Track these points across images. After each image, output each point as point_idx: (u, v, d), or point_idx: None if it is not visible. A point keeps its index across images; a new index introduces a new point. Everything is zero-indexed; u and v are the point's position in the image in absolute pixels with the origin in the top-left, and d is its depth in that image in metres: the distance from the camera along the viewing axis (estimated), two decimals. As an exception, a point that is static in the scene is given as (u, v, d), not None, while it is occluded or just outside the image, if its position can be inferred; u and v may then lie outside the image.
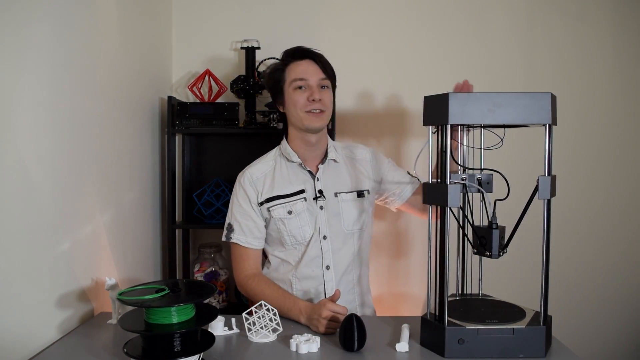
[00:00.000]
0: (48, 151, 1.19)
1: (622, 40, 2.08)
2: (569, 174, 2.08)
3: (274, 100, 1.54)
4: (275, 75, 1.50)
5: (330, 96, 1.49)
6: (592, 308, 2.15)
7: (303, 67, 1.46)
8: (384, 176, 1.58)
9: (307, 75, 1.44)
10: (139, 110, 1.77)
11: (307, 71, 1.45)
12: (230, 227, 1.50)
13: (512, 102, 1.06)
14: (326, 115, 1.47)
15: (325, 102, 1.45)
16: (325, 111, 1.45)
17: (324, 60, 1.48)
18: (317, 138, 1.48)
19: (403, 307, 2.11)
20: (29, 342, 1.12)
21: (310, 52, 1.48)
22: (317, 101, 1.43)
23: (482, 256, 1.20)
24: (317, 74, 1.45)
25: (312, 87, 1.44)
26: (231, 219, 1.51)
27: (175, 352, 0.96)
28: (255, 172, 1.52)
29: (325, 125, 1.49)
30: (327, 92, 1.47)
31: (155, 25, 1.94)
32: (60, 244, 1.24)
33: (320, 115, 1.44)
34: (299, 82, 1.44)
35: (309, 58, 1.47)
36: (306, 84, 1.44)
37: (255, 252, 1.50)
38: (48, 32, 1.19)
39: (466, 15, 2.07)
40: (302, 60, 1.46)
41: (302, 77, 1.44)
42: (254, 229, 1.48)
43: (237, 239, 1.48)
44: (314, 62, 1.46)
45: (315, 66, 1.46)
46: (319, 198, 1.48)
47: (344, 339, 1.12)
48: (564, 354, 1.10)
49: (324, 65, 1.47)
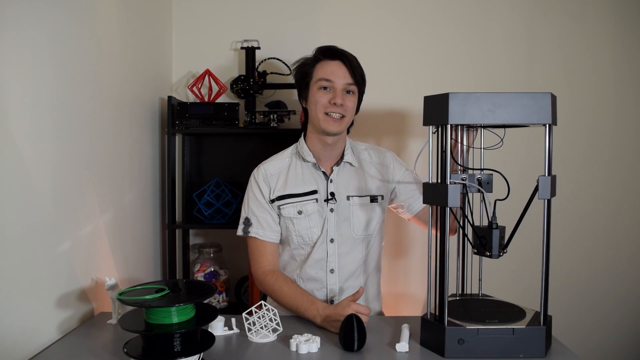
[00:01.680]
0: (48, 151, 1.19)
1: (623, 40, 2.08)
2: (569, 174, 2.08)
3: (299, 93, 1.52)
4: (304, 69, 1.47)
5: (354, 102, 1.45)
6: (592, 308, 2.14)
7: (332, 67, 1.42)
8: (397, 184, 1.54)
9: (334, 77, 1.41)
10: (139, 110, 1.77)
11: (335, 73, 1.42)
12: (248, 221, 1.48)
13: (512, 102, 1.06)
14: (346, 121, 1.44)
15: (348, 107, 1.42)
16: (345, 117, 1.43)
17: (355, 64, 1.44)
18: (333, 140, 1.46)
19: (403, 307, 2.11)
20: (29, 342, 1.12)
21: (343, 53, 1.44)
22: (338, 105, 1.40)
23: (482, 256, 1.20)
24: (345, 78, 1.42)
25: (337, 90, 1.41)
26: (248, 212, 1.49)
27: (175, 352, 0.96)
28: (270, 168, 1.51)
29: (343, 130, 1.45)
30: (351, 97, 1.44)
31: (155, 25, 1.94)
32: (60, 244, 1.24)
33: (339, 121, 1.42)
34: (324, 82, 1.42)
35: (340, 59, 1.43)
36: (331, 85, 1.42)
37: (273, 246, 1.48)
38: (48, 32, 1.18)
39: (466, 15, 2.07)
40: (333, 61, 1.43)
41: (329, 77, 1.41)
42: (272, 223, 1.48)
43: (256, 233, 1.46)
44: (344, 64, 1.42)
45: (344, 69, 1.42)
46: (330, 200, 1.47)
47: (344, 339, 1.12)
48: (564, 354, 1.10)
49: (354, 69, 1.43)
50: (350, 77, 1.42)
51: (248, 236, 1.48)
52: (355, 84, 1.44)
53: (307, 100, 1.48)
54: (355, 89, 1.45)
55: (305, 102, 1.50)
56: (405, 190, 1.54)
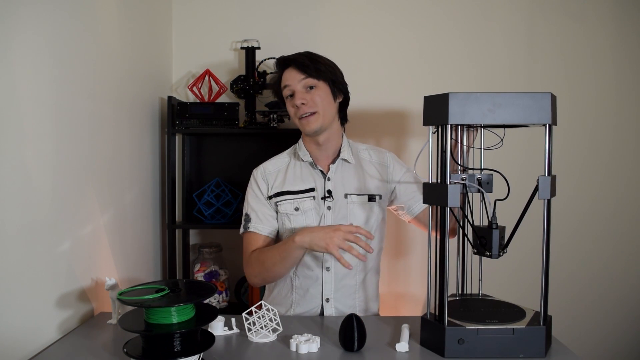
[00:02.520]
0: (48, 151, 1.19)
1: (623, 40, 2.08)
2: (569, 174, 2.08)
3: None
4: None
5: (322, 94, 1.44)
6: (592, 308, 2.15)
7: (286, 75, 1.46)
8: (396, 185, 1.54)
9: (289, 82, 1.44)
10: (139, 110, 1.77)
11: (289, 78, 1.45)
12: (248, 217, 1.50)
13: (512, 102, 1.06)
14: (320, 115, 1.43)
15: (315, 101, 1.42)
16: (317, 112, 1.43)
17: (304, 62, 1.43)
18: (324, 138, 1.47)
19: (403, 307, 2.11)
20: (29, 342, 1.12)
21: (288, 58, 1.46)
22: (300, 106, 1.42)
23: (482, 256, 1.20)
24: (297, 78, 1.43)
25: (296, 92, 1.43)
26: (248, 209, 1.52)
27: (175, 352, 0.96)
28: (269, 166, 1.54)
29: (321, 126, 1.44)
30: (316, 91, 1.43)
31: (155, 25, 1.94)
32: (60, 244, 1.24)
33: (311, 118, 1.43)
34: (286, 91, 1.46)
35: (289, 65, 1.46)
36: (291, 90, 1.45)
37: (267, 239, 1.50)
38: (48, 32, 1.19)
39: (466, 15, 2.07)
40: (286, 69, 1.47)
41: (286, 84, 1.45)
42: (270, 218, 1.50)
43: (255, 227, 1.48)
44: (293, 67, 1.44)
45: (295, 71, 1.44)
46: (327, 198, 1.47)
47: (344, 339, 1.12)
48: (564, 354, 1.10)
49: (305, 67, 1.42)
50: (302, 74, 1.43)
51: (247, 232, 1.49)
52: (312, 77, 1.43)
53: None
54: (315, 81, 1.44)
55: None
56: (406, 192, 1.54)
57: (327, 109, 1.45)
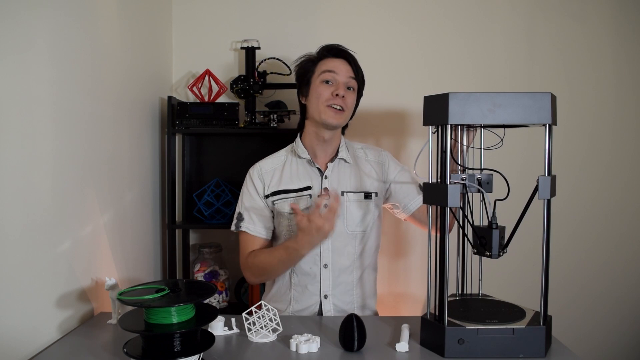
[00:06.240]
0: (48, 151, 1.19)
1: (623, 40, 2.08)
2: (569, 174, 2.08)
3: (299, 90, 1.56)
4: (306, 65, 1.52)
5: (354, 99, 1.51)
6: (592, 308, 2.14)
7: (335, 63, 1.48)
8: (392, 183, 1.56)
9: (338, 70, 1.46)
10: (139, 110, 1.77)
11: (338, 67, 1.47)
12: (240, 216, 1.52)
13: (512, 102, 1.06)
14: (345, 115, 1.48)
15: (348, 103, 1.47)
16: (345, 111, 1.47)
17: (356, 63, 1.51)
18: (330, 135, 1.49)
19: (403, 307, 2.11)
20: (29, 342, 1.12)
21: (346, 52, 1.50)
22: (340, 97, 1.44)
23: (482, 256, 1.20)
24: (348, 73, 1.47)
25: (339, 84, 1.46)
26: (241, 208, 1.53)
27: (175, 352, 0.96)
28: (265, 165, 1.55)
29: (341, 125, 1.49)
30: (351, 93, 1.49)
31: (155, 25, 1.94)
32: (60, 244, 1.24)
33: (340, 113, 1.46)
34: (327, 75, 1.46)
35: (343, 57, 1.49)
36: (334, 79, 1.46)
37: (263, 241, 1.52)
38: (48, 32, 1.18)
39: (466, 15, 2.07)
40: (337, 58, 1.49)
41: (333, 69, 1.46)
42: (263, 219, 1.51)
43: (246, 228, 1.50)
44: (347, 62, 1.48)
45: (348, 66, 1.48)
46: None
47: (344, 339, 1.12)
48: (564, 354, 1.10)
49: (357, 68, 1.50)
50: (353, 73, 1.48)
51: (239, 231, 1.51)
52: (356, 80, 1.49)
53: (307, 96, 1.51)
54: (356, 85, 1.50)
55: (304, 97, 1.53)
56: (401, 190, 1.56)
57: (349, 113, 1.51)
